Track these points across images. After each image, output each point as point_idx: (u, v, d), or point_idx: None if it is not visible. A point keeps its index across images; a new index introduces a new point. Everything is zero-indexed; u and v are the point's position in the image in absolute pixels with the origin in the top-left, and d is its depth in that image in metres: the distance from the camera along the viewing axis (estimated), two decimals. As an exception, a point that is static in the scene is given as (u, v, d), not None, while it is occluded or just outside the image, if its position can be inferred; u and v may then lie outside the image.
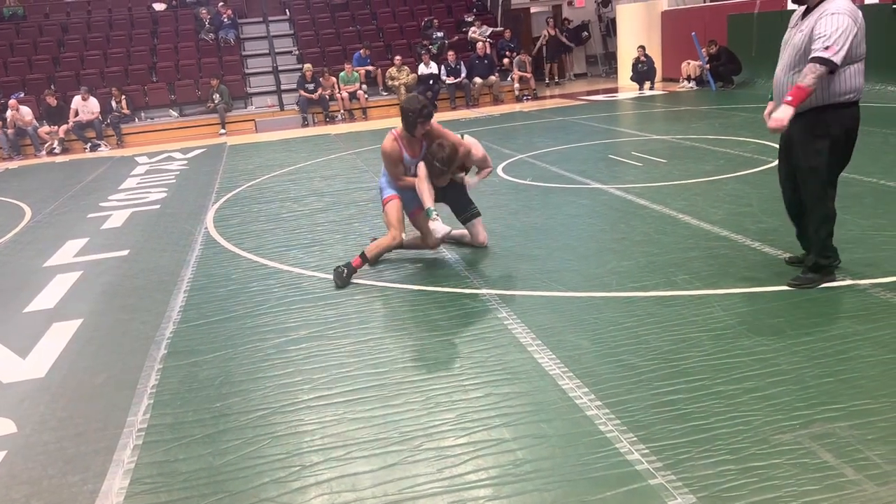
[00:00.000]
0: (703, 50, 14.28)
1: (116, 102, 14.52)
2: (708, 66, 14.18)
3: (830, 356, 3.08)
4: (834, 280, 3.85)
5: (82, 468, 2.80)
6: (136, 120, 15.11)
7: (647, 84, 15.33)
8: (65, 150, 13.90)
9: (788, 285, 3.86)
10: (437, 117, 15.41)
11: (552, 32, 18.58)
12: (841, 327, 3.35)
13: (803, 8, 3.74)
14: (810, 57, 3.56)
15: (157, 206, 7.82)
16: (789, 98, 3.58)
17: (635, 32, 16.44)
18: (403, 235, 4.83)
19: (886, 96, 10.67)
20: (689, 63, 14.88)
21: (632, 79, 15.58)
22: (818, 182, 3.75)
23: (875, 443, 2.45)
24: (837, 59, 3.49)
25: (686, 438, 2.58)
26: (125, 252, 5.98)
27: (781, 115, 3.59)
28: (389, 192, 4.82)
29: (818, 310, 3.57)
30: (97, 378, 3.59)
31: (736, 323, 3.49)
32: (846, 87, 3.61)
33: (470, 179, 5.04)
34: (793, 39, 3.73)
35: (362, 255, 4.70)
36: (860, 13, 3.60)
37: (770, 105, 3.89)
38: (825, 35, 3.52)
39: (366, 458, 2.67)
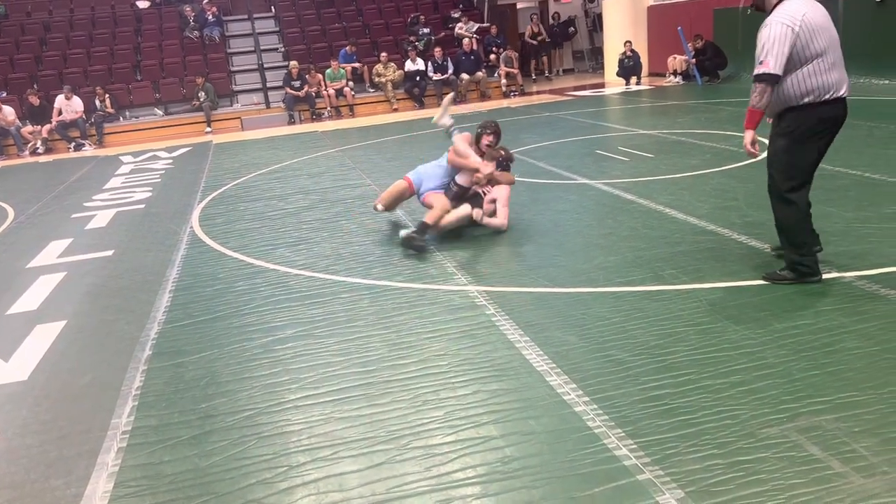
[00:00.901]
0: (689, 44, 14.31)
1: (100, 101, 14.40)
2: (694, 60, 14.22)
3: (817, 349, 3.09)
4: (812, 282, 3.78)
5: (65, 472, 2.76)
6: (121, 119, 14.99)
7: (634, 79, 15.36)
8: (48, 150, 13.77)
9: (763, 279, 3.86)
10: (425, 114, 15.29)
11: (535, 29, 18.58)
12: (827, 320, 3.35)
13: None
14: (752, 76, 3.67)
15: (142, 206, 7.75)
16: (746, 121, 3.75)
17: (621, 27, 16.47)
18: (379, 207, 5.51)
19: (871, 89, 10.73)
20: (675, 58, 14.91)
21: (618, 74, 15.61)
22: (773, 184, 3.78)
23: (861, 435, 2.46)
24: (774, 69, 3.55)
25: (674, 433, 2.58)
26: (110, 252, 5.92)
27: (745, 139, 3.76)
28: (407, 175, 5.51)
29: (804, 303, 3.57)
30: (81, 380, 3.55)
31: (722, 317, 3.49)
32: (801, 89, 3.61)
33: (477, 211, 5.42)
34: None
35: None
36: (802, 17, 3.55)
37: None
38: (758, 51, 3.62)
39: (353, 458, 2.66)
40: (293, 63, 14.98)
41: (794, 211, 3.74)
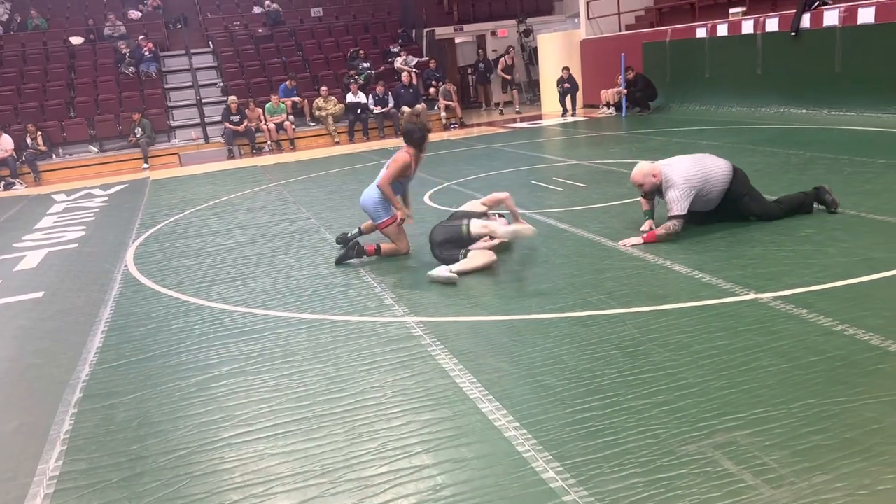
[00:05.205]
0: (626, 73, 14.76)
1: (32, 139, 14.06)
2: (625, 91, 14.70)
3: (734, 367, 3.24)
4: None
5: (-11, 522, 2.70)
6: (54, 156, 14.65)
7: (570, 111, 15.80)
8: (-24, 190, 13.35)
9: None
10: (368, 146, 15.34)
11: (509, 62, 18.63)
12: (744, 340, 3.52)
13: None
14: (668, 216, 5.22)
15: (75, 245, 7.59)
16: (645, 235, 5.27)
17: (556, 60, 16.97)
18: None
19: (789, 118, 11.30)
20: (607, 91, 15.44)
21: (560, 99, 16.00)
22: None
23: (771, 448, 2.60)
24: (681, 212, 5.14)
25: (598, 454, 2.67)
26: (39, 294, 5.78)
27: (632, 240, 5.26)
28: (385, 217, 5.60)
29: (723, 324, 3.75)
30: (6, 427, 3.46)
31: (647, 339, 3.63)
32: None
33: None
34: None
35: (377, 247, 5.62)
36: (694, 175, 5.14)
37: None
38: (668, 205, 5.20)
39: (286, 493, 2.67)
40: (232, 98, 14.93)
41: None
